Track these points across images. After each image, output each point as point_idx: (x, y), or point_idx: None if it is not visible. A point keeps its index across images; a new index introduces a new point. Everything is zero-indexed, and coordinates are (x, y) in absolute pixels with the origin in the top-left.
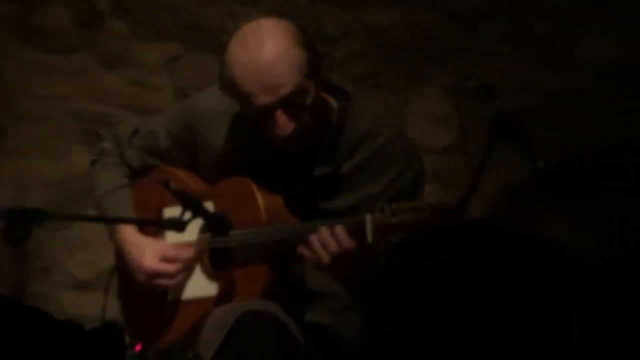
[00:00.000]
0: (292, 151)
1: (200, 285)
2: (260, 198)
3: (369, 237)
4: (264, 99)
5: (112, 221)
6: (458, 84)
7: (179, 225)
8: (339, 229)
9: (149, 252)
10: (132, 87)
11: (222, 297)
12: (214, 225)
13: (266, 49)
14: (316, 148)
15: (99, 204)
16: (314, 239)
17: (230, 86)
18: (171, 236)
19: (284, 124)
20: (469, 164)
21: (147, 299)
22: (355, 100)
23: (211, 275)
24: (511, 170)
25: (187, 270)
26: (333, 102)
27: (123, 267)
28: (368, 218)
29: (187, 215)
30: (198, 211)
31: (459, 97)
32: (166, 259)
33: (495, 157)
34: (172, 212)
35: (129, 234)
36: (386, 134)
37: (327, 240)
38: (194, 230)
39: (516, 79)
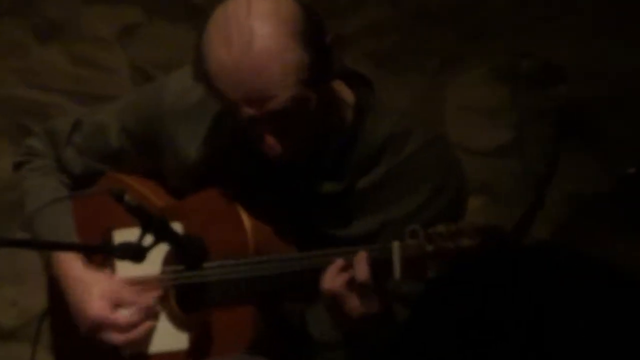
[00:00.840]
0: (289, 164)
1: (165, 336)
2: (245, 217)
3: (397, 272)
4: (247, 111)
5: (46, 247)
6: (512, 65)
7: (136, 253)
8: (362, 256)
9: (97, 292)
10: (76, 66)
11: (196, 352)
12: (185, 254)
13: (255, 49)
14: (322, 157)
15: (30, 223)
16: (329, 273)
17: (206, 81)
18: (124, 268)
19: (273, 143)
20: (527, 170)
21: (93, 354)
22: (377, 90)
23: (180, 321)
24: (583, 177)
25: (146, 320)
26: (349, 95)
27: (60, 308)
28: (396, 245)
29: (148, 239)
30: (163, 234)
31: (513, 83)
32: (121, 303)
33: (562, 160)
34: (125, 235)
35: (73, 266)
36: (417, 139)
37: (342, 275)
38: (155, 260)
39: (588, 59)
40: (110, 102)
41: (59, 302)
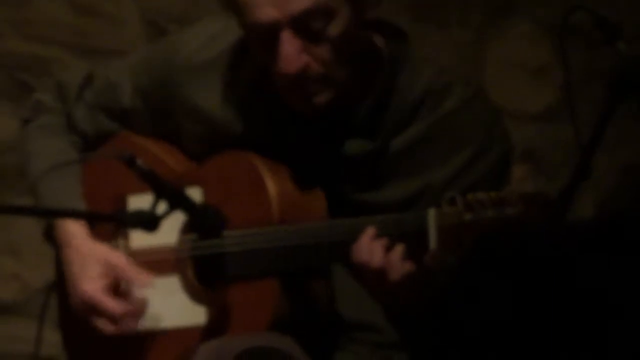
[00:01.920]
0: (314, 114)
1: (182, 310)
2: (270, 182)
3: (432, 241)
4: (268, 13)
5: (50, 214)
6: (561, 18)
7: (148, 221)
8: (397, 250)
9: (94, 270)
10: (80, 17)
11: (213, 328)
12: (202, 222)
13: None
14: (353, 113)
15: (34, 187)
16: (360, 243)
17: None
18: (138, 237)
19: (290, 53)
20: (577, 136)
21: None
22: (414, 44)
23: (197, 295)
24: (638, 147)
25: (137, 313)
26: (382, 44)
27: (65, 281)
28: (432, 214)
29: (162, 207)
30: (178, 202)
31: (562, 39)
32: (119, 283)
33: (616, 126)
34: (140, 202)
35: (75, 234)
36: (457, 95)
37: (375, 245)
38: (172, 228)
39: None
40: (121, 58)
41: (63, 274)
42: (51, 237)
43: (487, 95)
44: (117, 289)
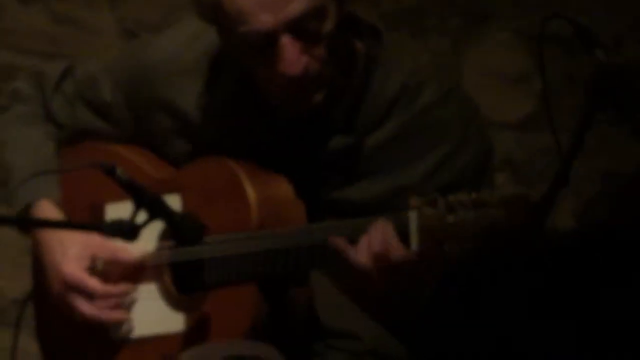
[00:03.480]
0: (296, 112)
1: (159, 317)
2: (250, 188)
3: (414, 243)
4: (264, 20)
5: (29, 223)
6: (540, 26)
7: (128, 231)
8: (387, 226)
9: (74, 252)
10: (58, 25)
11: (191, 336)
12: (180, 231)
13: None
14: (330, 111)
15: (9, 183)
16: (363, 242)
17: (213, 5)
18: (117, 243)
19: (293, 57)
20: (556, 144)
21: (80, 336)
22: (389, 43)
23: (175, 302)
24: (618, 152)
25: (122, 295)
26: (359, 44)
27: (45, 292)
28: (413, 215)
29: (141, 216)
30: (157, 211)
31: (540, 46)
32: (98, 261)
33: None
34: (119, 210)
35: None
36: (432, 91)
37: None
38: (151, 235)
39: (624, 20)
40: (99, 59)
41: (43, 284)
42: (25, 228)
43: (463, 90)
44: (97, 272)
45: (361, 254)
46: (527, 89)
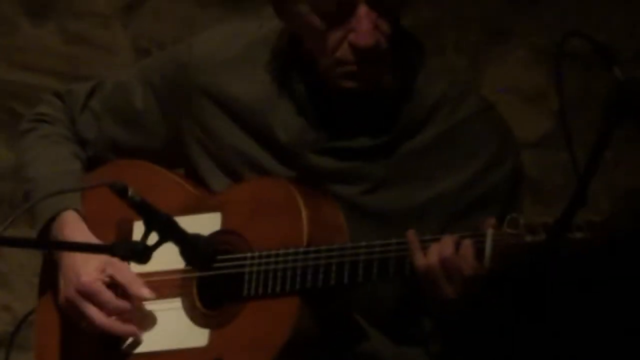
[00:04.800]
0: (364, 91)
1: (180, 332)
2: (303, 206)
3: (487, 261)
4: None
5: (43, 246)
6: (557, 43)
7: (140, 253)
8: (467, 245)
9: (95, 264)
10: (70, 44)
11: (214, 352)
12: (192, 253)
13: None
14: (373, 107)
15: (31, 198)
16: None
17: None
18: (135, 267)
19: (369, 27)
20: (573, 162)
21: (87, 350)
22: (430, 54)
23: (200, 316)
24: (637, 171)
25: (123, 310)
26: (403, 49)
27: (48, 309)
28: (490, 234)
29: (153, 238)
30: (168, 233)
31: (558, 64)
32: (114, 283)
33: (613, 150)
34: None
35: (79, 228)
36: (472, 104)
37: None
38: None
39: None
40: (131, 67)
41: (46, 304)
42: (45, 236)
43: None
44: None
45: (430, 257)
46: (544, 105)
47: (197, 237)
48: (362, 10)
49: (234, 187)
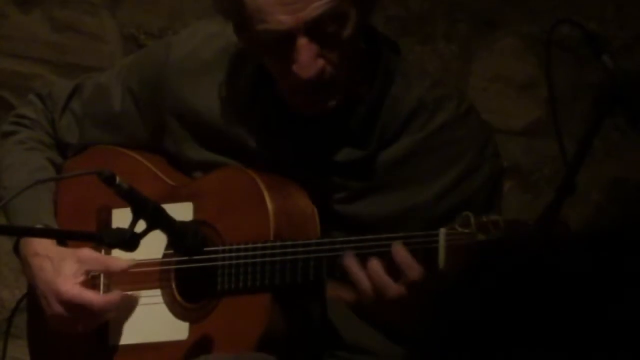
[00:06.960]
0: (309, 114)
1: (162, 325)
2: (269, 199)
3: (441, 261)
4: (283, 20)
5: (26, 233)
6: (547, 32)
7: (127, 241)
8: (401, 249)
9: (67, 268)
10: (59, 33)
11: (195, 346)
12: (180, 240)
13: None
14: (346, 121)
15: (7, 202)
16: (373, 263)
17: (233, 9)
18: (121, 255)
19: (308, 59)
20: (562, 151)
21: (75, 344)
22: (407, 58)
23: (180, 309)
24: (628, 161)
25: (121, 307)
26: (377, 55)
27: (35, 293)
28: (442, 234)
29: (140, 226)
30: (157, 221)
31: (548, 53)
32: (92, 273)
33: (603, 140)
34: (125, 216)
35: (40, 242)
36: (450, 110)
37: (379, 268)
38: (158, 242)
39: (635, 25)
40: (111, 68)
41: (32, 286)
42: (18, 252)
43: (477, 110)
44: (93, 287)
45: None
46: (534, 95)
47: (184, 225)
48: (301, 42)
49: (204, 177)
